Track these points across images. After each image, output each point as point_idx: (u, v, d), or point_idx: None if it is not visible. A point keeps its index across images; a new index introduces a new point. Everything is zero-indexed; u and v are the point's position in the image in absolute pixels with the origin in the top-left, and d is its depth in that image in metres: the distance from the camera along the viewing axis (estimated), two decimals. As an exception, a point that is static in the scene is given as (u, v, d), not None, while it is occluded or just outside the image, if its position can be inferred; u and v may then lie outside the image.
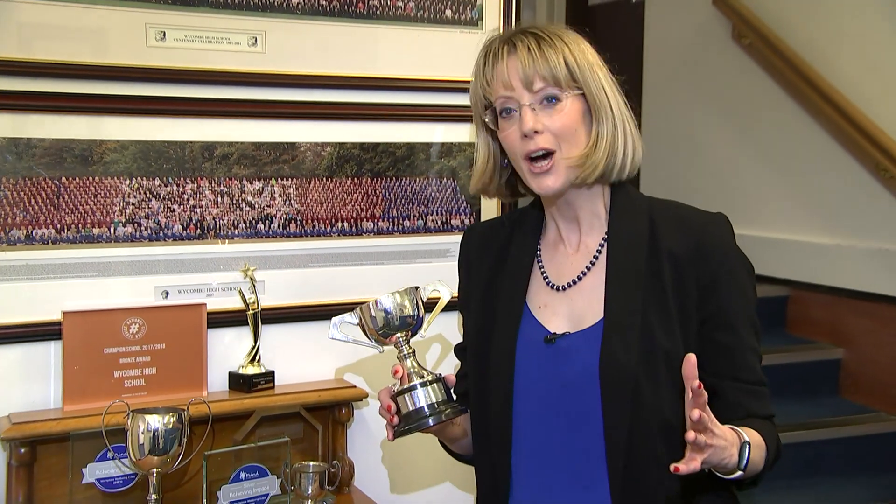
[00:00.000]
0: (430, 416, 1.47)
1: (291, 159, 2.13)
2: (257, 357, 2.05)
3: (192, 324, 2.00)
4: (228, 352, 2.07)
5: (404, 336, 1.55)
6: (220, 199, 2.06)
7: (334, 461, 2.08)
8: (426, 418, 1.47)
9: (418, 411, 1.48)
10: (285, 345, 2.13)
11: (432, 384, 1.49)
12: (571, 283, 1.50)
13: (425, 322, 1.59)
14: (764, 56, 3.80)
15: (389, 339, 1.55)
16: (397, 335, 1.55)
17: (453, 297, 1.67)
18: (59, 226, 1.92)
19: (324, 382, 2.14)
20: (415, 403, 1.48)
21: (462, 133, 2.29)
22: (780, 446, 1.46)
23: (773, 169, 3.82)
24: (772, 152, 3.84)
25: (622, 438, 1.39)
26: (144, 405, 1.83)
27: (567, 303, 1.49)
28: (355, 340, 1.61)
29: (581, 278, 1.50)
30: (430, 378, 1.49)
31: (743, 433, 1.32)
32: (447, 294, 1.65)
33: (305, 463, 1.99)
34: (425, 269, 2.24)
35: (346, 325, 1.60)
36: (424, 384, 1.48)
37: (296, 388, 2.07)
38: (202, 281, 2.06)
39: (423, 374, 1.50)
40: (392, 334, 1.55)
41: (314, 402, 2.05)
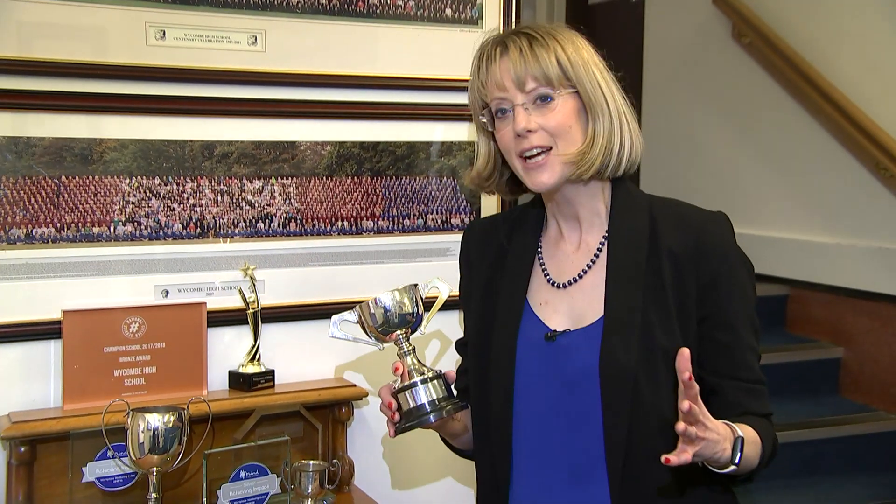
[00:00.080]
0: (431, 412, 1.48)
1: (291, 158, 2.13)
2: (257, 356, 2.05)
3: (192, 323, 2.00)
4: (228, 351, 2.07)
5: (404, 333, 1.55)
6: (219, 198, 2.06)
7: (334, 460, 2.08)
8: (427, 415, 1.48)
9: (419, 408, 1.48)
10: (285, 344, 2.13)
11: (432, 381, 1.49)
12: (572, 281, 1.50)
13: (425, 319, 1.60)
14: (764, 55, 3.80)
15: (389, 337, 1.56)
16: (397, 332, 1.55)
17: (452, 294, 1.67)
18: (58, 225, 1.92)
19: (324, 381, 2.14)
20: (415, 400, 1.48)
21: (462, 132, 2.29)
22: (777, 444, 1.46)
23: (774, 168, 3.82)
24: (772, 151, 3.84)
25: (621, 437, 1.39)
26: (144, 404, 1.82)
27: (568, 300, 1.49)
28: (355, 338, 1.61)
29: (582, 276, 1.50)
30: (430, 375, 1.50)
31: (737, 428, 1.32)
32: (446, 291, 1.66)
33: (305, 462, 1.99)
34: (425, 268, 2.24)
35: (345, 324, 1.61)
36: (425, 381, 1.49)
37: (296, 387, 2.07)
38: (202, 280, 2.06)
39: (424, 370, 1.51)
40: (392, 332, 1.55)
41: (314, 401, 2.05)
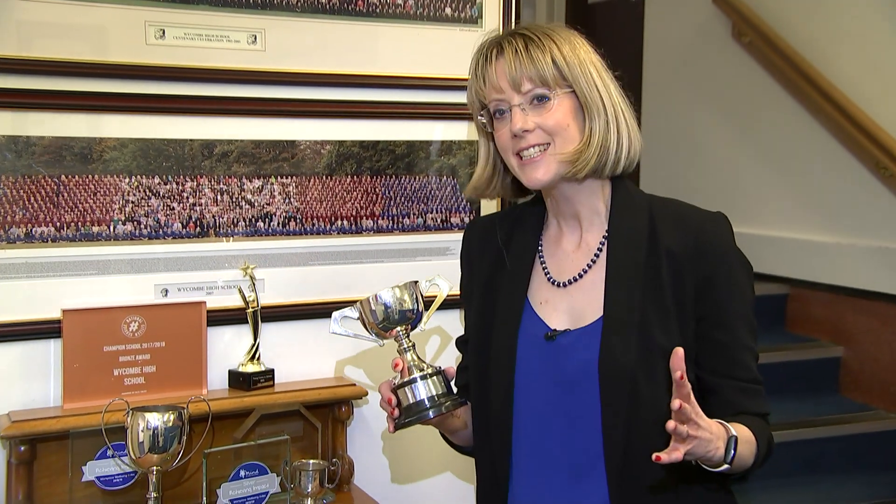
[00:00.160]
0: (431, 408, 1.48)
1: (291, 157, 2.13)
2: (257, 355, 2.05)
3: (191, 322, 2.00)
4: (228, 350, 2.07)
5: (404, 330, 1.56)
6: (219, 198, 2.06)
7: (334, 459, 2.08)
8: (426, 411, 1.48)
9: (419, 404, 1.49)
10: (285, 343, 2.13)
11: (432, 377, 1.50)
12: (573, 280, 1.50)
13: (425, 316, 1.60)
14: (764, 54, 3.80)
15: (389, 333, 1.56)
16: (397, 329, 1.55)
17: (452, 291, 1.67)
18: (58, 224, 1.92)
19: (323, 380, 2.13)
20: (415, 396, 1.49)
21: (461, 131, 2.29)
22: (773, 443, 1.46)
23: (773, 167, 3.82)
24: (772, 151, 3.84)
25: (620, 435, 1.40)
26: (144, 403, 1.82)
27: (568, 299, 1.49)
28: (356, 335, 1.61)
29: (582, 275, 1.50)
30: (430, 371, 1.51)
31: (731, 427, 1.32)
32: (446, 288, 1.66)
33: (305, 461, 1.99)
34: (425, 267, 2.23)
35: (346, 320, 1.61)
36: (424, 377, 1.50)
37: (295, 386, 2.07)
38: (202, 279, 2.05)
39: (423, 367, 1.51)
40: (392, 328, 1.56)
41: (314, 400, 2.05)
